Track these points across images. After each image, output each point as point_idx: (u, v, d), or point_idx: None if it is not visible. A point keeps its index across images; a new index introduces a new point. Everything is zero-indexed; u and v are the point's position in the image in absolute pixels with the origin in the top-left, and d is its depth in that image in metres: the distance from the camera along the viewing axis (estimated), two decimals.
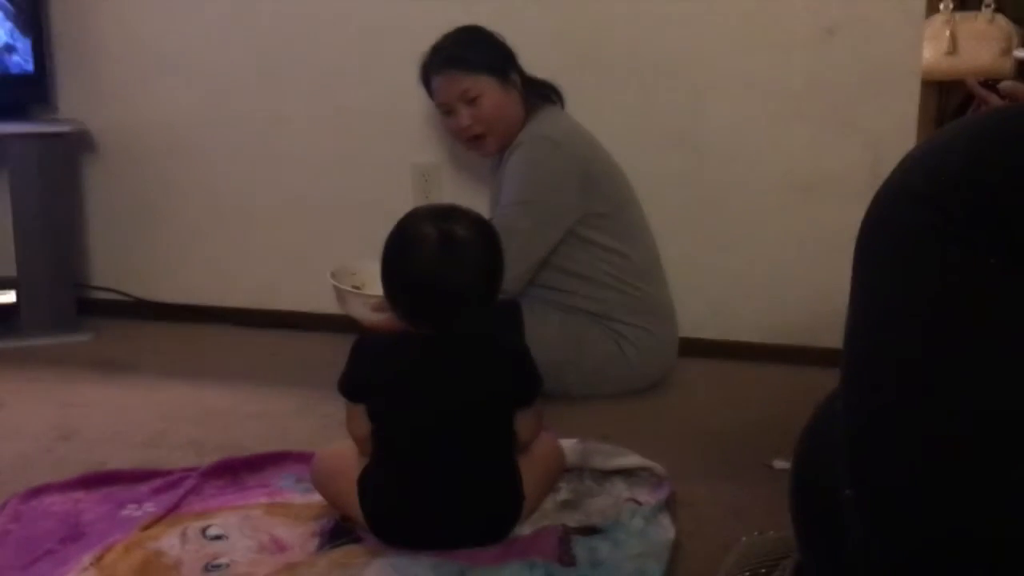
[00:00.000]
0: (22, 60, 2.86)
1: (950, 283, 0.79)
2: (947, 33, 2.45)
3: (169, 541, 1.56)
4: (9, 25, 2.82)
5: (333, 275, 2.41)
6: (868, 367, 0.85)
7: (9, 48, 2.83)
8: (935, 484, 0.78)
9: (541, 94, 2.41)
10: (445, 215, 1.57)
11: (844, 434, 0.86)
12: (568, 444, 1.82)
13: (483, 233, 1.58)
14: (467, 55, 2.33)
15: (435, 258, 1.52)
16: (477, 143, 2.38)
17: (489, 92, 2.31)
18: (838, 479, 0.86)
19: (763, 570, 1.27)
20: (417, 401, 1.55)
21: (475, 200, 2.63)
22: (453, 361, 1.58)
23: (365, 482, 1.55)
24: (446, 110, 2.37)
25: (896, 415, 0.81)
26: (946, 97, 2.51)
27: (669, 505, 1.67)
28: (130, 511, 1.68)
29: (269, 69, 2.85)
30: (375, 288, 2.54)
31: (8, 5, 2.82)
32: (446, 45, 2.36)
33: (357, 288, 2.42)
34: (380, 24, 2.73)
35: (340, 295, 2.38)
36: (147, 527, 1.61)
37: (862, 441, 0.84)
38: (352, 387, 1.58)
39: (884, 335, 0.84)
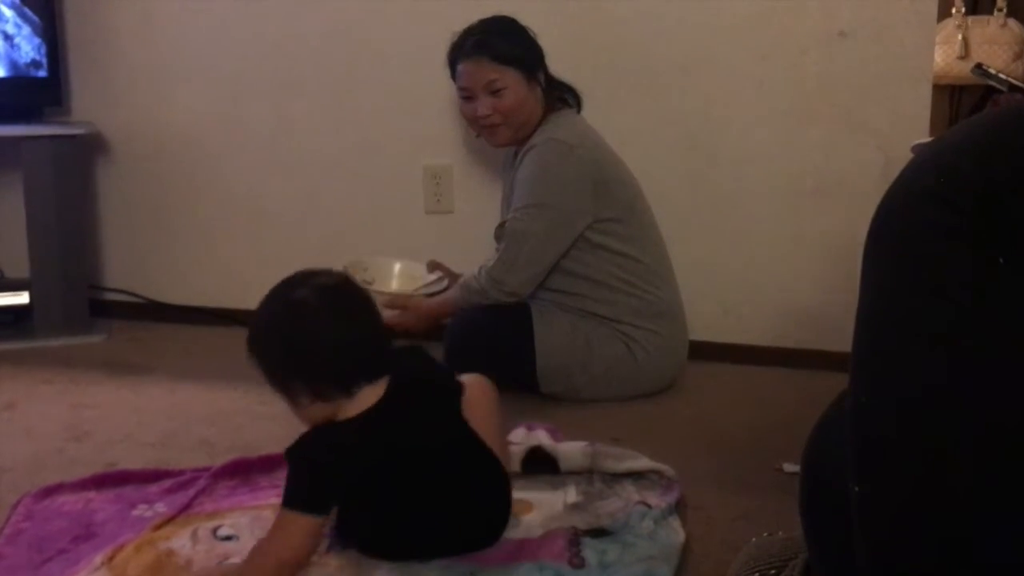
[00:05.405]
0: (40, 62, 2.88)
1: (960, 283, 0.79)
2: (959, 37, 2.45)
3: (180, 541, 1.56)
4: (37, 41, 2.84)
5: (345, 269, 2.41)
6: (876, 366, 0.85)
7: (36, 63, 2.85)
8: (941, 483, 0.78)
9: (559, 97, 2.41)
10: (296, 281, 1.50)
11: (852, 434, 0.86)
12: (578, 447, 1.83)
13: (335, 281, 1.54)
14: (500, 45, 2.31)
15: (333, 313, 1.46)
16: (489, 131, 2.37)
17: (514, 86, 2.31)
18: (847, 477, 0.86)
19: (772, 571, 1.27)
20: (407, 460, 1.48)
21: (485, 201, 2.65)
22: (416, 407, 1.52)
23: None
24: (467, 95, 2.36)
25: (904, 414, 0.81)
26: (958, 100, 2.51)
27: (679, 508, 1.67)
28: (141, 511, 1.69)
29: (281, 72, 2.87)
30: (386, 284, 2.56)
31: (33, 16, 2.83)
32: (480, 31, 2.34)
33: (368, 284, 2.43)
34: (391, 28, 2.75)
35: None
36: (158, 527, 1.61)
37: (869, 440, 0.84)
38: (326, 496, 1.44)
39: (892, 333, 0.83)
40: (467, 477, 1.53)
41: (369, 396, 1.48)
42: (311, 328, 1.45)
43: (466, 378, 1.67)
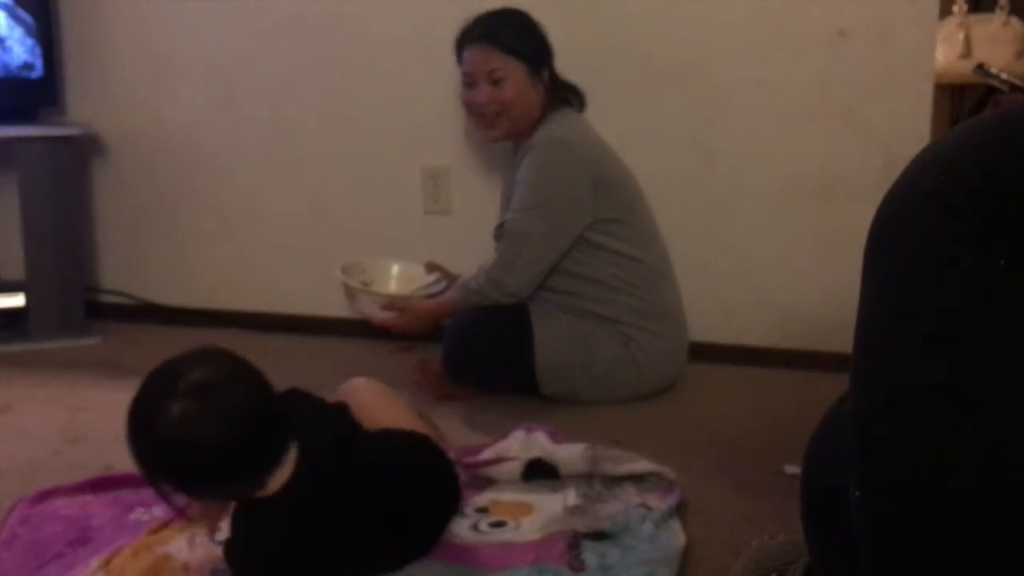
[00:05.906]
0: (32, 64, 2.87)
1: (960, 285, 0.79)
2: (961, 35, 2.44)
3: (177, 545, 1.56)
4: (30, 42, 2.83)
5: (343, 270, 2.40)
6: (877, 367, 0.84)
7: (28, 66, 2.84)
8: (941, 484, 0.78)
9: (562, 96, 2.39)
10: (163, 392, 1.36)
11: (853, 436, 0.85)
12: (577, 450, 1.82)
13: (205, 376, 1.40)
14: (507, 35, 2.30)
15: (218, 415, 1.32)
16: (486, 122, 2.35)
17: (516, 78, 2.29)
18: (847, 480, 0.85)
19: (773, 574, 1.27)
20: (347, 506, 1.45)
21: (483, 202, 2.64)
22: (330, 460, 1.46)
23: None
24: (468, 81, 2.34)
25: (904, 416, 0.80)
26: (959, 99, 2.50)
27: (679, 510, 1.66)
28: (138, 515, 1.69)
29: (278, 72, 2.86)
30: (384, 285, 2.55)
31: (26, 17, 2.82)
32: (490, 19, 2.33)
33: (366, 285, 2.42)
34: (389, 28, 2.74)
35: (348, 291, 2.37)
36: (155, 531, 1.61)
37: (870, 443, 0.83)
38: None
39: (892, 336, 0.83)
40: (411, 479, 1.54)
41: (282, 470, 1.39)
42: (203, 444, 1.30)
43: (347, 388, 1.68)
